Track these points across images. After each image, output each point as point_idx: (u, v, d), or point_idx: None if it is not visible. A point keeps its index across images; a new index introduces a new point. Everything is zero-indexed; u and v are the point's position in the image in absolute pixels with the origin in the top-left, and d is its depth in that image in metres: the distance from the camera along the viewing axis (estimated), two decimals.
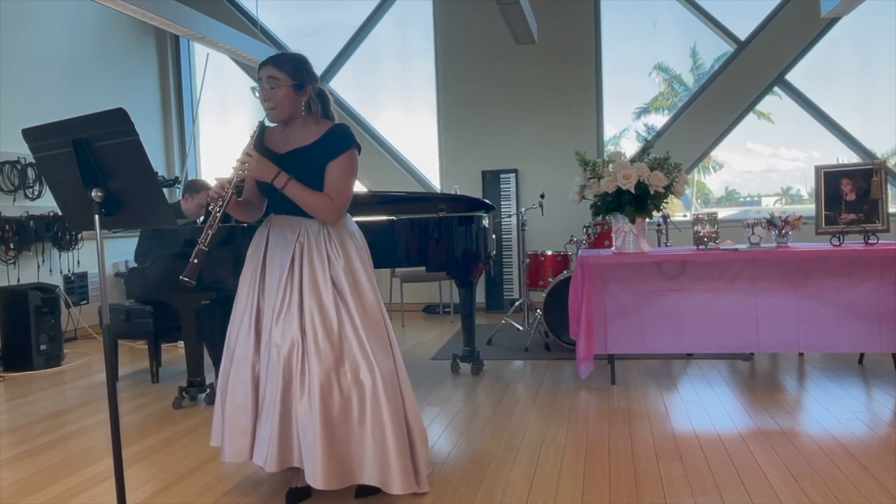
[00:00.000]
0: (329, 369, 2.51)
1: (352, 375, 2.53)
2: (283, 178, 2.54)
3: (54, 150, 2.27)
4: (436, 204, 4.82)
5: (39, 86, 6.44)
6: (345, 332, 2.56)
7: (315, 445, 2.46)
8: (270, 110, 2.61)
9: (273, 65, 2.59)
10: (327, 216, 2.60)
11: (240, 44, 6.88)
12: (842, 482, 2.68)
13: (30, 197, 6.23)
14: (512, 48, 7.27)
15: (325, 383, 2.49)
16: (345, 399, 2.52)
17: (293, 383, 2.52)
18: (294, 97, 2.60)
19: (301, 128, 2.66)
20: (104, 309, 2.34)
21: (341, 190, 2.60)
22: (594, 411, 3.81)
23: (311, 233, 2.63)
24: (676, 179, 4.30)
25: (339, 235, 2.65)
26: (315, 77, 2.69)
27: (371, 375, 2.52)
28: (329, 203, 2.58)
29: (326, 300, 2.57)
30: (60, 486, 2.94)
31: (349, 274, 2.61)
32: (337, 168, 2.59)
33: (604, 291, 4.36)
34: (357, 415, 2.52)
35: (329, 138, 2.63)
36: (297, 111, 2.63)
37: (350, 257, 2.65)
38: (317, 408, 2.46)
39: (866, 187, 4.38)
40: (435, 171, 8.16)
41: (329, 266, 2.60)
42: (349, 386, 2.52)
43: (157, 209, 2.29)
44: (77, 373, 5.32)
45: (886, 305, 4.13)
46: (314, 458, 2.46)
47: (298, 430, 2.51)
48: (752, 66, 7.42)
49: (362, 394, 2.52)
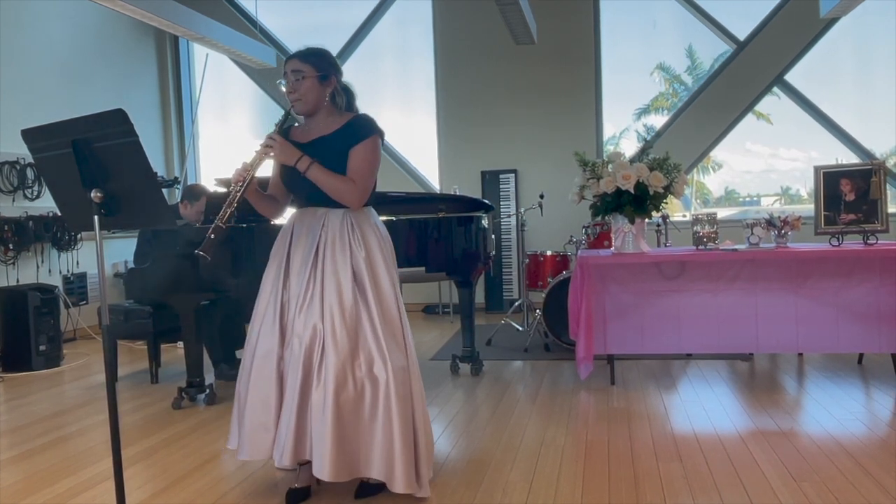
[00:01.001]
0: (345, 360, 2.52)
1: (366, 368, 2.54)
2: (306, 161, 2.58)
3: (54, 150, 2.27)
4: (435, 204, 4.82)
5: (39, 86, 6.44)
6: (361, 324, 2.57)
7: (325, 436, 2.46)
8: (297, 102, 2.65)
9: (298, 58, 2.64)
10: (350, 198, 2.62)
11: (239, 44, 6.88)
12: (841, 482, 2.68)
13: (29, 197, 6.23)
14: (511, 48, 7.27)
15: (341, 374, 2.50)
16: (357, 391, 2.52)
17: (311, 375, 2.53)
18: (319, 88, 2.64)
19: (324, 119, 2.69)
20: (103, 309, 2.34)
21: (363, 173, 2.62)
22: (594, 412, 3.81)
23: (335, 223, 2.65)
24: (676, 180, 4.30)
25: (361, 227, 2.67)
26: (339, 69, 2.73)
27: (385, 370, 2.52)
28: (352, 186, 2.60)
29: (346, 290, 2.58)
30: (60, 487, 2.94)
31: (369, 266, 2.63)
32: (359, 152, 2.62)
33: (603, 292, 4.36)
34: (368, 408, 2.52)
35: (351, 126, 2.66)
36: (321, 102, 2.67)
37: (371, 249, 2.66)
38: (330, 399, 2.47)
39: (865, 188, 4.38)
40: (434, 172, 8.16)
41: (351, 256, 2.62)
42: (363, 378, 2.53)
43: (156, 210, 2.28)
44: (76, 373, 5.32)
45: (886, 306, 4.13)
46: (323, 449, 2.47)
47: (311, 421, 2.52)
48: (752, 67, 7.42)
49: (375, 387, 2.52)
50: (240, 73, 8.38)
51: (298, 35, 8.57)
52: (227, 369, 4.77)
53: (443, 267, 4.52)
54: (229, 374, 4.75)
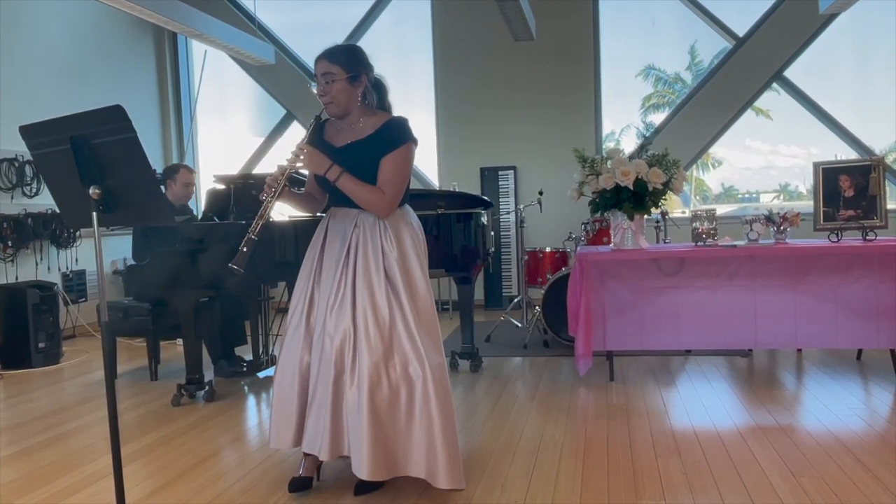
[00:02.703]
0: (378, 361, 2.52)
1: (401, 368, 2.54)
2: (336, 171, 2.57)
3: (52, 147, 2.26)
4: (434, 201, 4.80)
5: (37, 83, 6.43)
6: (395, 326, 2.57)
7: (362, 436, 2.47)
8: (328, 105, 2.63)
9: (327, 59, 2.61)
10: (379, 209, 2.62)
11: (237, 41, 6.87)
12: (840, 478, 2.69)
13: (28, 194, 6.22)
14: (510, 45, 7.26)
15: (374, 375, 2.50)
16: (393, 391, 2.52)
17: (344, 374, 2.55)
18: (349, 89, 2.62)
19: (357, 120, 2.67)
20: (102, 306, 2.34)
21: (394, 183, 2.61)
22: (593, 408, 3.82)
23: (367, 224, 2.65)
24: (675, 176, 4.30)
25: (394, 227, 2.66)
26: (369, 67, 2.69)
27: (421, 369, 2.52)
28: (381, 197, 2.60)
29: (378, 293, 2.58)
30: (59, 484, 2.94)
31: (402, 266, 2.62)
32: (391, 162, 2.61)
33: (602, 288, 4.36)
34: (405, 407, 2.52)
35: (385, 132, 2.64)
36: (354, 103, 2.65)
37: (404, 249, 2.65)
38: (365, 399, 2.47)
39: (864, 184, 4.38)
40: (433, 168, 8.16)
41: (383, 258, 2.62)
42: (398, 379, 2.53)
43: (155, 206, 2.28)
44: (75, 370, 5.32)
45: (884, 302, 4.13)
46: (361, 449, 2.48)
47: (347, 419, 2.53)
48: (751, 63, 7.41)
49: (411, 387, 2.52)
50: (238, 69, 8.37)
51: (296, 32, 8.56)
52: (227, 366, 4.77)
53: (442, 263, 4.51)
54: (229, 371, 4.76)
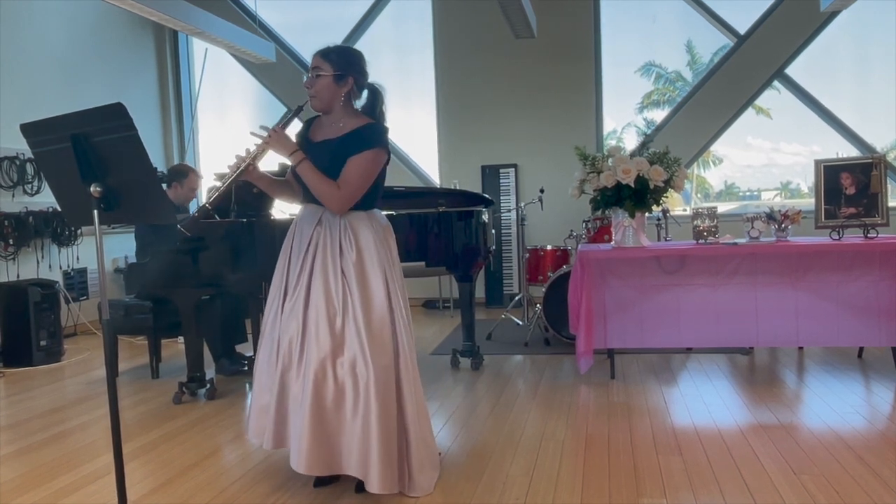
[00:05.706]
0: (325, 358, 2.54)
1: (348, 366, 2.54)
2: (298, 156, 2.61)
3: (53, 145, 2.26)
4: (435, 199, 4.81)
5: (37, 81, 6.43)
6: (347, 324, 2.58)
7: (302, 430, 2.49)
8: (312, 98, 2.68)
9: (320, 55, 2.67)
10: (331, 203, 2.63)
11: (238, 39, 6.86)
12: (841, 476, 2.69)
13: (29, 192, 6.22)
14: (511, 43, 7.25)
15: (320, 371, 2.52)
16: (339, 388, 2.53)
17: (292, 367, 2.59)
18: (334, 88, 2.65)
19: (339, 120, 2.70)
20: (104, 304, 2.34)
21: (353, 183, 2.62)
22: (594, 406, 3.82)
23: (330, 223, 2.67)
24: (676, 174, 4.29)
25: (354, 228, 2.67)
26: (361, 71, 2.71)
27: (366, 369, 2.52)
28: (335, 191, 2.61)
29: (332, 289, 2.60)
30: (60, 482, 2.94)
31: (359, 268, 2.63)
32: (355, 162, 2.62)
33: (603, 286, 4.36)
34: (350, 405, 2.53)
35: (357, 135, 2.65)
36: (336, 101, 2.68)
37: (362, 252, 2.66)
38: (309, 393, 2.50)
39: (866, 181, 4.37)
40: (434, 166, 8.15)
41: (341, 257, 2.64)
42: (344, 376, 2.54)
43: (156, 204, 2.28)
44: (77, 368, 5.32)
45: (886, 299, 4.13)
46: (300, 443, 2.50)
47: (290, 413, 2.57)
48: (752, 61, 7.40)
49: (356, 385, 2.53)
50: (239, 67, 8.36)
51: (297, 30, 8.55)
52: (228, 364, 4.77)
53: (443, 261, 4.52)
54: (230, 369, 4.76)
